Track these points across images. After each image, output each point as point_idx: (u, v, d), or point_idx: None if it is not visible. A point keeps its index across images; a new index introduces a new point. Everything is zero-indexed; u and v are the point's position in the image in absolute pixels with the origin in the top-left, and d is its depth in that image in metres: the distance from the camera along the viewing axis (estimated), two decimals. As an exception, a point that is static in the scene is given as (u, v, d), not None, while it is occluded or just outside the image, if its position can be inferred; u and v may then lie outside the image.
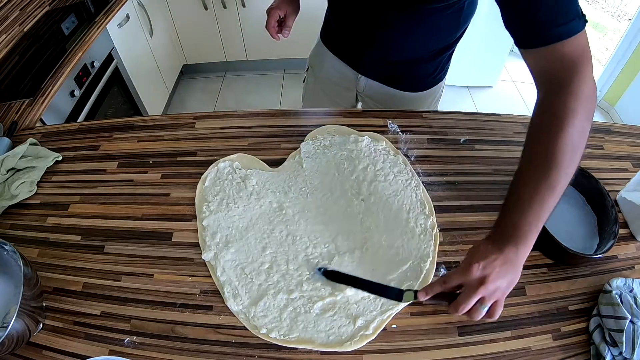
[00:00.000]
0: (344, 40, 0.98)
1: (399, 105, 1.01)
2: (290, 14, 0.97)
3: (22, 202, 0.80)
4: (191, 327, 0.64)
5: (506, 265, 0.52)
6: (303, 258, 0.70)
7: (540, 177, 0.53)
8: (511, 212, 0.55)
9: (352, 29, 0.93)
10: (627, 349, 0.57)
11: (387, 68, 0.96)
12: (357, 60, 0.99)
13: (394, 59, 0.92)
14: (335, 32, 1.00)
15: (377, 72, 0.98)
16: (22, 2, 1.64)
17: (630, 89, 2.40)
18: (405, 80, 0.99)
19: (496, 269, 0.52)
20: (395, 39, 0.87)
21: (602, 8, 2.73)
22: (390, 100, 1.02)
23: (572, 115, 0.54)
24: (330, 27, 1.01)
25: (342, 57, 1.01)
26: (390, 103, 1.03)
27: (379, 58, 0.94)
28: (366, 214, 0.75)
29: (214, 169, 0.83)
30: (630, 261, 0.72)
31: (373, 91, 1.03)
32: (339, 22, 0.96)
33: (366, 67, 0.99)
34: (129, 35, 1.87)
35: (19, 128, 1.02)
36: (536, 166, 0.54)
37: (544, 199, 0.53)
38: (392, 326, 0.63)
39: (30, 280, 0.60)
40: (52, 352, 0.62)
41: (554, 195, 0.54)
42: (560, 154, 0.53)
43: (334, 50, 1.03)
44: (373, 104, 1.07)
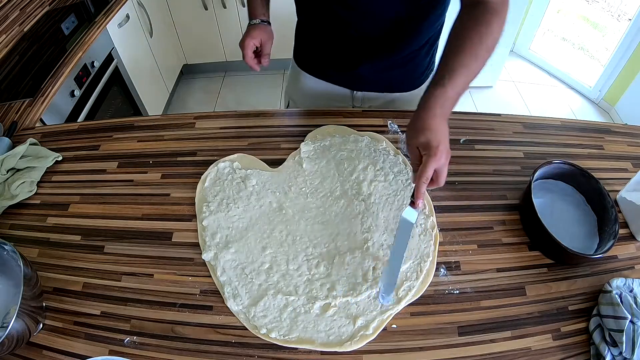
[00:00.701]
0: (335, 59, 0.95)
1: (397, 107, 1.01)
2: (266, 41, 0.92)
3: (22, 202, 0.81)
4: (191, 327, 0.64)
5: (446, 133, 0.64)
6: (303, 258, 0.70)
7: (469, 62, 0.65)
8: (447, 89, 0.64)
9: (343, 47, 0.90)
10: (627, 349, 0.57)
11: (383, 74, 0.95)
12: (351, 78, 0.98)
13: (390, 62, 0.91)
14: (321, 56, 0.97)
15: (374, 81, 0.97)
16: (22, 2, 1.64)
17: (630, 89, 2.40)
18: (401, 80, 0.98)
19: (446, 141, 0.63)
20: (390, 40, 0.86)
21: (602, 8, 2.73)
22: (387, 104, 1.02)
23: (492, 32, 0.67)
24: (314, 49, 0.99)
25: (332, 79, 0.99)
26: (387, 106, 1.02)
27: (375, 66, 0.92)
28: (366, 214, 0.75)
29: (214, 169, 0.83)
30: (630, 261, 0.72)
31: (370, 102, 1.02)
32: (329, 42, 0.93)
33: (362, 81, 0.97)
34: (129, 35, 1.87)
35: (19, 128, 1.02)
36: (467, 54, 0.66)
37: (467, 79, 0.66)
38: (392, 326, 0.63)
39: (30, 280, 0.60)
40: (52, 352, 0.62)
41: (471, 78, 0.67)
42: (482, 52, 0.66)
43: (320, 74, 1.00)
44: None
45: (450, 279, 0.68)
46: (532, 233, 0.73)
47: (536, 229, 0.70)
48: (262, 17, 0.94)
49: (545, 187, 0.78)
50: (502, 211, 0.77)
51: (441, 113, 0.64)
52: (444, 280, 0.68)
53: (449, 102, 0.65)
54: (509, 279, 0.68)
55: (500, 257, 0.71)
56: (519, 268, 0.70)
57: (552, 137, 0.91)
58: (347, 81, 0.99)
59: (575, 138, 0.91)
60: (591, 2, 2.75)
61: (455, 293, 0.66)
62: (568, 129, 0.93)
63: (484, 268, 0.69)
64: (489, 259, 0.71)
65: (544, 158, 0.82)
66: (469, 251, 0.71)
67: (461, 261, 0.70)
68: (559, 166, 0.77)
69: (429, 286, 0.67)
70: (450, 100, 0.65)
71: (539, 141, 0.89)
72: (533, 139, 0.90)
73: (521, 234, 0.74)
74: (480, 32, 0.66)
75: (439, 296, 0.66)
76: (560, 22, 2.93)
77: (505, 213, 0.77)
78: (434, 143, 0.61)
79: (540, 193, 0.77)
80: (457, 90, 0.65)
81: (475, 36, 0.66)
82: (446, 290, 0.67)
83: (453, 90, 0.64)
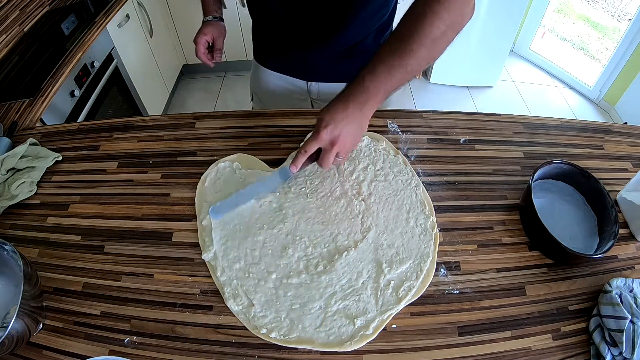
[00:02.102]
0: (286, 52, 0.98)
1: None
2: (218, 36, 0.97)
3: (22, 202, 0.81)
4: (191, 327, 0.64)
5: (351, 125, 0.64)
6: (303, 258, 0.70)
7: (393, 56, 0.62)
8: (365, 78, 0.64)
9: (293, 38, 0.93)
10: (627, 349, 0.57)
11: (332, 65, 0.96)
12: (304, 68, 1.00)
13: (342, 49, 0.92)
14: (274, 48, 1.00)
15: (325, 72, 0.99)
16: (22, 2, 1.64)
17: (630, 89, 2.40)
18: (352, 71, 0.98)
19: (344, 130, 0.63)
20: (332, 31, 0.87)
21: (602, 8, 2.73)
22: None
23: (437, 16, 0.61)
24: (267, 45, 1.02)
25: (287, 71, 1.02)
26: None
27: (323, 57, 0.94)
28: (366, 214, 0.75)
29: (214, 169, 0.83)
30: (630, 261, 0.72)
31: (326, 94, 1.03)
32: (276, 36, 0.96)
33: (314, 72, 0.99)
34: (129, 35, 1.87)
35: (19, 128, 1.02)
36: (398, 47, 0.62)
37: (394, 74, 0.63)
38: (392, 326, 0.63)
39: (30, 280, 0.60)
40: (52, 352, 0.62)
41: (404, 74, 0.63)
42: (419, 42, 0.61)
43: (277, 67, 1.03)
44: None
45: (450, 279, 0.68)
46: (532, 233, 0.73)
47: (536, 229, 0.70)
48: (214, 14, 0.99)
49: (545, 187, 0.79)
50: (502, 211, 0.77)
51: (349, 99, 0.64)
52: (444, 280, 0.68)
53: (364, 92, 0.64)
54: (509, 279, 0.68)
55: (500, 257, 0.71)
56: (519, 268, 0.70)
57: (552, 137, 0.91)
58: (300, 73, 1.01)
59: (575, 138, 0.91)
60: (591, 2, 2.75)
61: (455, 293, 0.66)
62: (568, 129, 0.93)
63: (484, 268, 0.69)
64: (489, 259, 0.71)
65: (544, 158, 0.82)
66: (469, 251, 0.71)
67: (461, 261, 0.70)
68: (559, 166, 0.77)
69: (429, 286, 0.67)
70: (367, 93, 0.64)
71: (539, 141, 0.89)
72: (533, 139, 0.90)
73: (521, 234, 0.74)
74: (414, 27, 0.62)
75: (439, 296, 0.66)
76: (560, 22, 2.93)
77: (505, 213, 0.77)
78: (322, 124, 0.64)
79: (540, 193, 0.77)
80: (376, 82, 0.64)
81: (408, 32, 0.63)
82: (446, 290, 0.67)
83: (370, 80, 0.64)
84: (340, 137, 0.64)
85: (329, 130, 0.63)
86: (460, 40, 0.91)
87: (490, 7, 2.25)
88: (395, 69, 0.63)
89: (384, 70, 0.63)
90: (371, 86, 0.64)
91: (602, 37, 2.74)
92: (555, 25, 2.92)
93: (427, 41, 0.62)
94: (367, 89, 0.64)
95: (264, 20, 0.96)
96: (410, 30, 0.62)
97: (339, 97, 0.66)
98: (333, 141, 0.64)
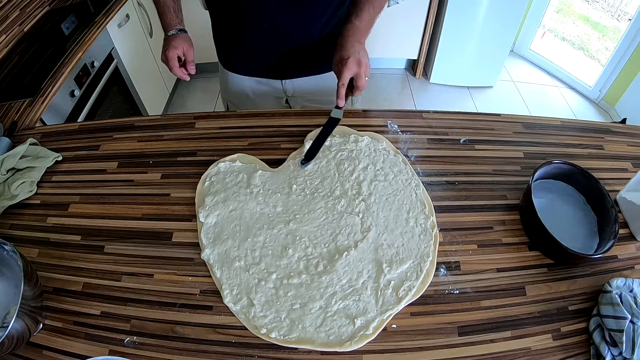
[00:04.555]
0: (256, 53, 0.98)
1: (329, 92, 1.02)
2: (188, 48, 0.92)
3: (22, 202, 0.81)
4: (191, 327, 0.64)
5: (362, 50, 0.82)
6: (303, 258, 0.70)
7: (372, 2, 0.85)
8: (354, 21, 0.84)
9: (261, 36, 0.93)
10: (627, 349, 0.57)
11: (300, 58, 0.97)
12: (276, 67, 1.00)
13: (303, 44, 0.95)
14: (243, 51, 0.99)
15: (295, 67, 1.00)
16: (22, 2, 1.64)
17: (630, 89, 2.40)
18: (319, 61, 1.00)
19: (360, 54, 0.81)
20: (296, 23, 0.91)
21: (602, 8, 2.73)
22: (321, 89, 1.04)
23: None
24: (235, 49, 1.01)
25: (259, 73, 1.02)
26: (322, 92, 1.04)
27: (291, 51, 0.96)
28: (366, 214, 0.75)
29: (214, 169, 0.83)
30: (630, 261, 0.72)
31: (302, 89, 1.04)
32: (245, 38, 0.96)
33: (288, 68, 1.00)
34: (129, 35, 1.87)
35: (19, 128, 1.02)
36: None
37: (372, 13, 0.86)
38: (392, 326, 0.63)
39: (30, 280, 0.60)
40: (52, 352, 0.62)
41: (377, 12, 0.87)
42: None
43: (248, 71, 1.03)
44: (306, 101, 1.08)
45: (450, 279, 0.68)
46: (532, 233, 0.73)
47: (536, 229, 0.70)
48: (178, 26, 0.95)
49: (545, 187, 0.79)
50: (502, 211, 0.77)
51: (352, 38, 0.82)
52: (444, 280, 0.68)
53: (359, 31, 0.84)
54: (509, 279, 0.68)
55: (500, 257, 0.71)
56: (519, 268, 0.70)
57: (552, 137, 0.91)
58: (272, 73, 1.02)
59: (575, 138, 0.91)
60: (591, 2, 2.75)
61: (455, 293, 0.66)
62: (568, 129, 0.93)
63: (484, 268, 0.69)
64: (489, 259, 0.71)
65: (544, 158, 0.82)
66: (469, 251, 0.71)
67: (461, 261, 0.70)
68: (559, 166, 0.77)
69: (429, 286, 0.67)
70: (359, 30, 0.84)
71: (539, 141, 0.89)
72: (533, 139, 0.90)
73: (521, 234, 0.74)
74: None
75: (439, 296, 0.66)
76: (560, 22, 2.93)
77: (505, 213, 0.77)
78: (345, 56, 0.80)
79: (540, 193, 0.77)
80: (364, 22, 0.84)
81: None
82: (446, 290, 0.67)
83: (361, 22, 0.84)
84: (361, 58, 0.80)
85: (352, 58, 0.79)
86: (461, 40, 0.92)
87: (490, 7, 2.25)
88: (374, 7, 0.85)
89: (366, 10, 0.84)
90: (361, 25, 0.84)
91: (602, 37, 2.74)
92: (555, 25, 2.92)
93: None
94: (359, 27, 0.84)
95: (229, 20, 0.95)
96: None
97: (341, 40, 0.83)
98: (359, 63, 0.79)
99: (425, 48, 2.56)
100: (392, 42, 2.55)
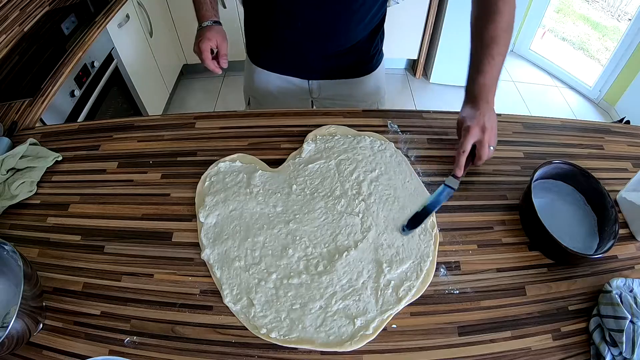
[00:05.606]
0: (286, 51, 0.96)
1: (355, 95, 1.01)
2: (222, 41, 0.91)
3: (22, 202, 0.80)
4: (191, 327, 0.64)
5: (489, 113, 0.75)
6: (303, 258, 0.70)
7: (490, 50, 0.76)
8: (476, 78, 0.76)
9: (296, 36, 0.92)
10: (627, 349, 0.57)
11: (332, 61, 0.96)
12: (305, 66, 0.98)
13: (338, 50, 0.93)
14: (272, 47, 0.98)
15: (325, 69, 0.98)
16: (22, 2, 1.64)
17: (630, 89, 2.40)
18: (352, 67, 0.99)
19: (486, 119, 0.74)
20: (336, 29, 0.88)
21: (602, 8, 2.73)
22: (346, 93, 1.02)
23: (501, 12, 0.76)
24: (264, 44, 0.99)
25: (287, 70, 1.00)
26: (346, 96, 1.03)
27: (324, 55, 0.94)
28: (366, 214, 0.75)
29: (214, 169, 0.83)
30: (630, 261, 0.72)
31: (328, 91, 1.02)
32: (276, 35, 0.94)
33: (313, 70, 0.99)
34: (129, 35, 1.87)
35: (19, 128, 1.02)
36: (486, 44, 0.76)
37: (496, 64, 0.76)
38: (392, 326, 0.63)
39: (30, 280, 0.60)
40: (52, 352, 0.62)
41: (500, 61, 0.77)
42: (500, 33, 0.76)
43: (275, 67, 1.00)
44: (329, 104, 1.07)
45: (450, 279, 0.68)
46: (532, 233, 0.73)
47: (536, 229, 0.70)
48: (213, 18, 0.93)
49: (545, 187, 0.78)
50: (502, 211, 0.77)
51: (477, 98, 0.75)
52: (444, 280, 0.68)
53: (485, 89, 0.76)
54: (509, 279, 0.68)
55: (500, 257, 0.71)
56: (519, 268, 0.70)
57: (552, 137, 0.91)
58: (300, 72, 1.00)
59: (575, 138, 0.91)
60: (591, 2, 2.75)
61: (455, 293, 0.66)
62: (568, 129, 0.93)
63: (484, 268, 0.69)
64: (489, 259, 0.71)
65: (544, 158, 0.82)
66: (469, 251, 0.71)
67: (461, 261, 0.70)
68: (559, 166, 0.77)
69: (429, 286, 0.67)
70: (485, 87, 0.76)
71: (539, 141, 0.89)
72: (533, 139, 0.90)
73: (521, 234, 0.74)
74: (493, 20, 0.75)
75: (439, 296, 0.66)
76: (560, 22, 2.93)
77: (505, 213, 0.77)
78: (468, 121, 0.74)
79: (540, 193, 0.77)
80: (488, 77, 0.76)
81: (490, 26, 0.75)
82: (446, 290, 0.67)
83: (485, 78, 0.76)
84: (487, 125, 0.73)
85: (476, 123, 0.73)
86: (460, 40, 0.92)
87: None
88: (494, 59, 0.75)
89: (486, 64, 0.75)
90: (486, 81, 0.76)
91: (602, 37, 2.74)
92: (555, 25, 2.92)
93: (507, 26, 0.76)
94: (484, 85, 0.76)
95: (265, 17, 0.93)
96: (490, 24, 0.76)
97: (466, 101, 0.78)
98: (483, 129, 0.73)
99: (425, 48, 2.57)
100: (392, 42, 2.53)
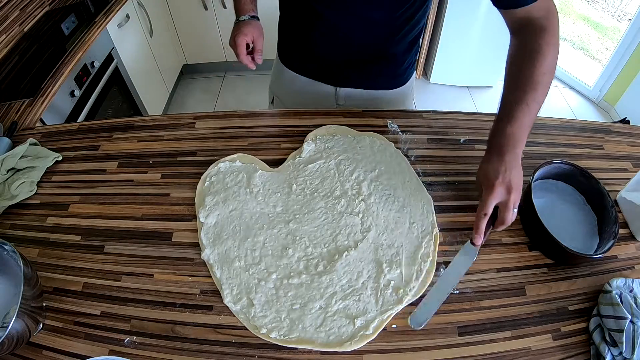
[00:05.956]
0: (319, 56, 0.94)
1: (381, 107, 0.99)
2: (258, 37, 0.90)
3: (22, 202, 0.80)
4: (191, 327, 0.64)
5: (515, 169, 0.63)
6: (303, 258, 0.70)
7: (525, 95, 0.65)
8: (505, 126, 0.65)
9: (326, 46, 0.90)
10: (627, 349, 0.57)
11: (365, 72, 0.94)
12: (334, 75, 0.97)
13: (372, 61, 0.92)
14: (305, 51, 0.96)
15: (356, 79, 0.97)
16: (22, 2, 1.64)
17: (630, 89, 2.40)
18: (383, 79, 0.98)
19: (512, 175, 0.62)
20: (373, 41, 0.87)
21: (602, 8, 2.74)
22: (373, 104, 1.00)
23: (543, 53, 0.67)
24: (298, 47, 0.97)
25: (317, 75, 0.98)
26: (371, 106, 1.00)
27: (357, 65, 0.92)
28: (366, 214, 0.75)
29: (214, 169, 0.83)
30: (630, 261, 0.72)
31: (354, 100, 1.01)
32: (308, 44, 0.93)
33: (344, 78, 0.97)
34: (129, 35, 1.87)
35: (19, 128, 1.02)
36: (521, 88, 0.66)
37: (530, 112, 0.65)
38: (392, 326, 0.63)
39: (30, 280, 0.60)
40: (52, 352, 0.62)
41: (535, 108, 0.66)
42: (540, 78, 0.66)
43: (306, 71, 0.99)
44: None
45: (450, 279, 0.68)
46: (532, 233, 0.73)
47: (536, 229, 0.70)
48: (251, 13, 0.92)
49: (545, 187, 0.78)
50: (502, 211, 0.77)
51: (504, 149, 0.64)
52: (444, 280, 0.68)
53: (513, 139, 0.64)
54: (509, 279, 0.68)
55: (500, 257, 0.71)
56: (519, 268, 0.70)
57: (552, 137, 0.91)
58: (330, 78, 0.99)
59: (575, 138, 0.91)
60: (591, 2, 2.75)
61: (455, 293, 0.66)
62: (568, 129, 0.93)
63: (484, 268, 0.69)
64: (489, 259, 0.71)
65: (544, 158, 0.82)
66: (469, 251, 0.71)
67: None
68: (559, 166, 0.77)
69: (428, 286, 0.67)
70: (513, 138, 0.64)
71: (539, 141, 0.89)
72: (533, 138, 0.90)
73: (521, 234, 0.74)
74: (533, 60, 0.66)
75: (439, 296, 0.66)
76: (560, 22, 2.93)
77: (505, 213, 0.77)
78: (491, 179, 0.62)
79: (540, 193, 0.77)
80: (519, 126, 0.65)
81: (528, 68, 0.66)
82: (446, 290, 0.67)
83: (513, 127, 0.64)
84: (513, 183, 0.62)
85: (500, 181, 0.62)
86: (460, 40, 0.92)
87: (490, 7, 2.24)
88: (529, 106, 0.65)
89: (519, 110, 0.65)
90: (515, 130, 0.65)
91: (602, 37, 2.74)
92: (555, 25, 2.92)
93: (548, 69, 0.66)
94: (512, 135, 0.64)
95: (302, 23, 0.91)
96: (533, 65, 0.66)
97: (490, 152, 0.67)
98: (509, 189, 0.62)
99: (425, 48, 2.56)
100: (392, 42, 2.55)
